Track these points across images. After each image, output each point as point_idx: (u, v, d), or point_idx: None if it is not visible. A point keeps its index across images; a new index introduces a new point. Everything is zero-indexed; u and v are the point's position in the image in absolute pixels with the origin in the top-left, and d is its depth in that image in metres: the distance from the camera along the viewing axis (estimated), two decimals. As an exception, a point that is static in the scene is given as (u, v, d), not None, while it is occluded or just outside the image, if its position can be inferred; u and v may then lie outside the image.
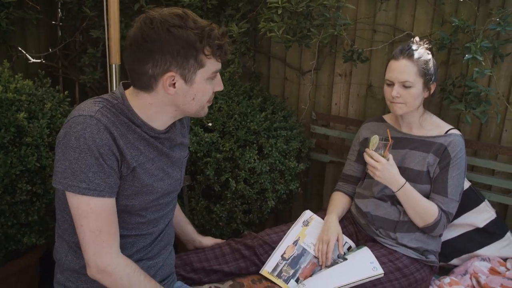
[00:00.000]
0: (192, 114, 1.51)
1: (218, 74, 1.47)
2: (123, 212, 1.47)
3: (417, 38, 2.04)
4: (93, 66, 2.76)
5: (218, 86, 1.49)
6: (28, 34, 2.81)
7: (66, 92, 2.29)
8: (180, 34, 1.33)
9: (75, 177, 1.33)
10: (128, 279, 1.42)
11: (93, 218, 1.36)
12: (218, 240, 2.00)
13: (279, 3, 2.22)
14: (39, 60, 2.80)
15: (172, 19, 1.34)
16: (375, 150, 1.94)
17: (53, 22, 2.89)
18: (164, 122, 1.50)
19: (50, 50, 2.85)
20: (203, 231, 2.27)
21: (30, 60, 2.76)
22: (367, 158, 1.95)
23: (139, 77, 1.40)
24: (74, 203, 1.36)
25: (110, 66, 2.12)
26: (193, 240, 1.96)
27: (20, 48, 2.74)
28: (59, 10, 2.85)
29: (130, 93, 1.46)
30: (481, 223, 2.16)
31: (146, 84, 1.40)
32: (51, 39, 2.95)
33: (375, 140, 1.94)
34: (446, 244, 2.17)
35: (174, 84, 1.39)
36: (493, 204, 2.28)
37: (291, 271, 1.92)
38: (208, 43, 1.36)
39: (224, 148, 2.21)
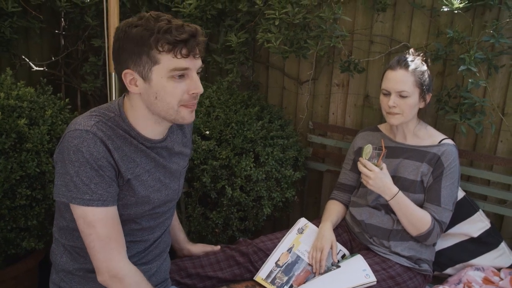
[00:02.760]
0: (168, 118, 1.46)
1: (193, 74, 1.42)
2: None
3: (412, 50, 2.08)
4: (94, 74, 2.80)
5: (194, 87, 1.42)
6: (31, 42, 2.86)
7: (67, 100, 2.33)
8: (133, 33, 1.36)
9: (78, 189, 1.37)
10: (137, 286, 1.46)
11: (101, 226, 1.40)
12: (208, 248, 2.00)
13: (277, 14, 2.26)
14: (42, 68, 2.85)
15: (133, 20, 1.38)
16: (369, 159, 1.97)
17: (56, 31, 2.94)
18: (156, 131, 1.51)
19: (53, 58, 2.90)
20: (199, 238, 2.30)
21: (33, 68, 2.80)
22: (360, 167, 1.98)
23: (119, 79, 1.45)
24: (80, 214, 1.40)
25: (110, 74, 2.16)
26: (181, 249, 1.98)
27: (23, 57, 2.79)
28: (62, 19, 2.90)
29: (125, 101, 1.50)
30: (476, 233, 2.17)
31: (122, 84, 1.44)
32: (54, 47, 3.00)
33: (368, 149, 1.97)
34: (440, 253, 2.19)
35: (136, 82, 1.41)
36: (489, 214, 2.29)
37: (285, 278, 1.94)
38: (160, 38, 1.33)
39: (221, 156, 2.24)
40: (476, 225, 2.18)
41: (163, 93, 1.40)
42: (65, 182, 1.38)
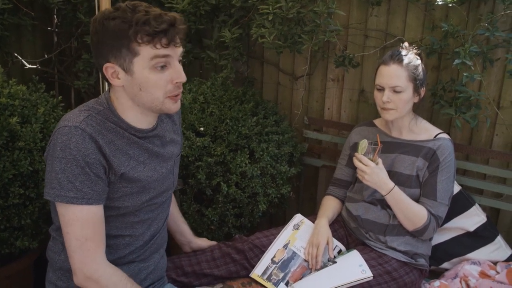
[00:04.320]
0: (154, 109, 1.44)
1: (175, 63, 1.40)
2: (116, 213, 1.49)
3: (406, 44, 2.06)
4: (87, 71, 2.79)
5: (176, 76, 1.40)
6: (24, 40, 2.84)
7: (60, 97, 2.31)
8: (111, 25, 1.33)
9: (62, 187, 1.35)
10: (114, 287, 1.44)
11: (79, 226, 1.38)
12: (213, 242, 2.01)
13: (270, 9, 2.25)
14: (34, 66, 2.82)
15: (110, 12, 1.35)
16: (364, 154, 1.96)
17: (48, 28, 2.91)
18: (145, 121, 1.50)
19: (46, 56, 2.88)
20: (195, 235, 2.29)
21: (26, 66, 2.78)
22: (356, 162, 1.97)
23: (100, 72, 1.43)
24: (62, 211, 1.39)
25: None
26: (189, 241, 1.97)
27: (16, 54, 2.76)
28: (55, 16, 2.88)
29: (111, 94, 1.48)
30: (472, 227, 2.17)
31: (104, 78, 1.43)
32: (47, 45, 2.98)
33: (364, 144, 1.96)
34: (436, 248, 2.18)
35: (118, 75, 1.39)
36: (485, 208, 2.29)
37: (281, 275, 1.93)
38: (139, 30, 1.31)
39: (216, 152, 2.23)
40: (472, 219, 2.18)
41: (146, 84, 1.38)
42: (50, 179, 1.37)
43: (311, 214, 2.24)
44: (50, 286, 1.57)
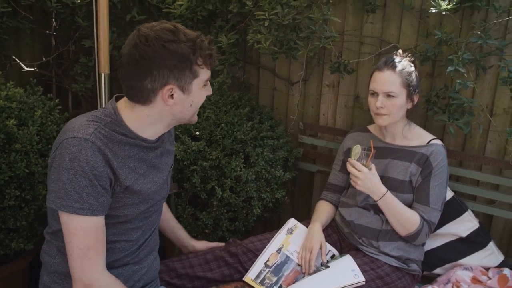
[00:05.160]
0: (187, 121, 1.56)
1: (208, 82, 1.55)
2: (115, 221, 1.51)
3: (400, 51, 2.09)
4: (85, 75, 2.80)
5: (209, 91, 1.55)
6: (22, 43, 2.86)
7: (57, 100, 2.33)
8: (175, 49, 1.39)
9: (68, 197, 1.37)
10: None
11: (82, 235, 1.40)
12: (212, 244, 2.03)
13: (266, 15, 2.27)
14: (32, 69, 2.84)
15: (165, 34, 1.39)
16: (358, 160, 1.97)
17: (47, 32, 2.93)
18: (156, 132, 1.54)
19: (44, 59, 2.89)
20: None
21: (24, 69, 2.80)
22: (349, 168, 1.99)
23: (136, 92, 1.44)
24: (65, 220, 1.40)
25: (100, 75, 2.16)
26: (186, 246, 2.00)
27: (14, 57, 2.78)
28: (53, 20, 2.90)
29: (124, 106, 1.49)
30: (464, 233, 2.19)
31: (144, 98, 1.44)
32: (45, 48, 2.99)
33: (357, 150, 1.98)
34: (429, 253, 2.20)
35: (172, 95, 1.44)
36: (478, 214, 2.31)
37: (274, 279, 1.94)
38: (200, 54, 1.42)
39: (211, 157, 2.24)
40: (465, 225, 2.19)
41: (197, 101, 1.51)
42: (56, 188, 1.38)
43: (306, 219, 2.25)
44: None
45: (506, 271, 2.08)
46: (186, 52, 1.39)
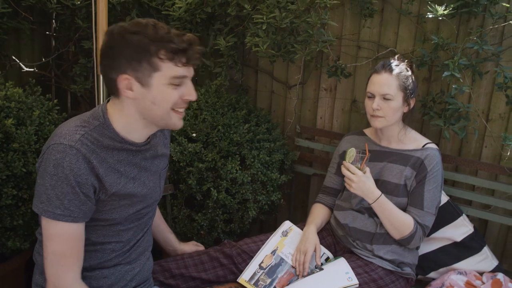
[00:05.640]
0: (161, 123, 1.50)
1: (189, 82, 1.47)
2: (104, 223, 1.52)
3: (397, 56, 2.11)
4: (84, 76, 2.82)
5: (188, 94, 1.47)
6: (22, 44, 2.88)
7: (55, 101, 2.34)
8: (133, 39, 1.37)
9: (50, 203, 1.38)
10: None
11: (59, 242, 1.41)
12: (200, 247, 2.04)
13: (264, 19, 2.28)
14: (32, 69, 2.86)
15: (131, 27, 1.40)
16: (352, 163, 1.98)
17: (47, 33, 2.95)
18: (142, 134, 1.53)
19: (44, 59, 2.91)
20: (185, 240, 2.30)
21: (24, 69, 2.82)
22: (344, 171, 2.00)
23: (107, 83, 1.46)
24: (45, 225, 1.42)
25: (98, 76, 2.17)
26: (175, 249, 2.01)
27: (14, 57, 2.80)
28: (54, 21, 2.92)
29: (110, 105, 1.50)
30: (459, 237, 2.19)
31: (112, 89, 1.45)
32: (45, 49, 3.01)
33: (352, 153, 1.99)
34: (423, 257, 2.20)
35: (132, 87, 1.42)
36: (473, 219, 2.32)
37: (268, 280, 1.95)
38: (163, 46, 1.37)
39: (207, 158, 2.25)
40: (460, 229, 2.20)
41: (161, 98, 1.43)
42: (39, 193, 1.40)
43: (302, 221, 2.26)
44: None
45: (500, 276, 2.09)
46: (144, 42, 1.36)
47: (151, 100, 1.43)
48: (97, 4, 2.11)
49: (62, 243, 1.41)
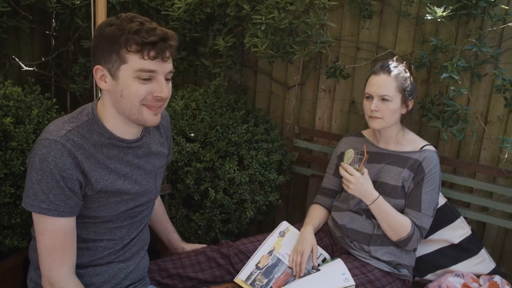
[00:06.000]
0: (132, 117, 1.46)
1: (160, 78, 1.42)
2: (94, 221, 1.53)
3: (396, 57, 2.11)
4: (83, 75, 2.83)
5: (158, 91, 1.42)
6: (22, 43, 2.88)
7: (54, 100, 2.35)
8: (107, 31, 1.39)
9: (36, 197, 1.39)
10: None
11: (49, 236, 1.43)
12: (198, 246, 2.04)
13: (263, 19, 2.29)
14: (31, 69, 2.86)
15: (111, 19, 1.41)
16: (350, 164, 1.98)
17: (46, 32, 2.96)
18: (128, 131, 1.52)
19: (43, 59, 2.92)
20: (183, 239, 2.31)
21: (23, 68, 2.82)
22: (341, 172, 2.00)
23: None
24: (35, 220, 1.44)
25: (96, 75, 2.17)
26: (176, 248, 2.02)
27: (13, 56, 2.81)
28: (53, 20, 2.93)
29: (99, 102, 1.52)
30: (456, 239, 2.19)
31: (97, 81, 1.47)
32: (45, 48, 3.02)
33: (350, 154, 1.99)
34: (421, 259, 2.20)
35: (105, 79, 1.43)
36: (471, 221, 2.32)
37: (265, 280, 1.95)
38: (131, 39, 1.35)
39: (205, 158, 2.26)
40: (457, 231, 2.20)
41: (127, 91, 1.41)
42: (26, 188, 1.41)
43: (299, 222, 2.26)
44: (31, 284, 1.60)
45: (497, 278, 2.09)
46: (115, 34, 1.37)
47: (120, 93, 1.42)
48: (96, 3, 2.11)
49: (51, 237, 1.43)
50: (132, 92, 1.40)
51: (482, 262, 2.18)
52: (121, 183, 1.52)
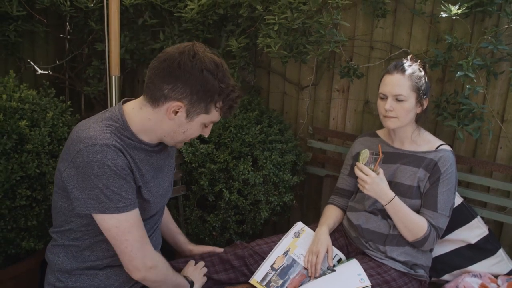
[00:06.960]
0: (171, 142, 1.58)
1: (212, 125, 1.59)
2: None
3: (410, 56, 2.09)
4: (97, 78, 2.85)
5: (206, 133, 1.60)
6: (36, 46, 2.91)
7: (69, 102, 2.36)
8: (208, 80, 1.43)
9: (110, 200, 1.42)
10: (167, 269, 1.61)
11: (136, 228, 1.49)
12: (209, 248, 2.03)
13: (276, 19, 2.28)
14: (46, 72, 2.89)
15: (210, 63, 1.44)
16: (366, 164, 1.97)
17: (61, 35, 2.98)
18: (152, 139, 1.57)
19: (58, 62, 2.94)
20: (197, 240, 2.32)
21: (38, 72, 2.85)
22: (357, 172, 1.98)
23: (154, 88, 1.47)
24: (114, 223, 1.45)
25: (110, 77, 2.19)
26: (183, 251, 2.02)
27: (28, 60, 2.83)
28: (67, 23, 2.95)
29: (133, 107, 1.54)
30: (473, 239, 2.16)
31: (155, 98, 1.48)
32: (59, 51, 3.05)
33: (365, 154, 1.98)
34: (437, 259, 2.18)
35: (177, 113, 1.47)
36: (488, 221, 2.29)
37: (280, 281, 1.94)
38: (223, 99, 1.48)
39: (219, 159, 2.26)
40: (474, 231, 2.17)
41: (191, 132, 1.54)
42: (92, 195, 1.42)
43: (314, 222, 2.25)
44: None
45: (515, 278, 2.06)
46: (214, 89, 1.45)
47: (183, 131, 1.53)
48: (109, 6, 2.13)
49: (138, 228, 1.49)
50: (193, 134, 1.56)
51: (500, 262, 2.15)
52: (152, 185, 1.59)
